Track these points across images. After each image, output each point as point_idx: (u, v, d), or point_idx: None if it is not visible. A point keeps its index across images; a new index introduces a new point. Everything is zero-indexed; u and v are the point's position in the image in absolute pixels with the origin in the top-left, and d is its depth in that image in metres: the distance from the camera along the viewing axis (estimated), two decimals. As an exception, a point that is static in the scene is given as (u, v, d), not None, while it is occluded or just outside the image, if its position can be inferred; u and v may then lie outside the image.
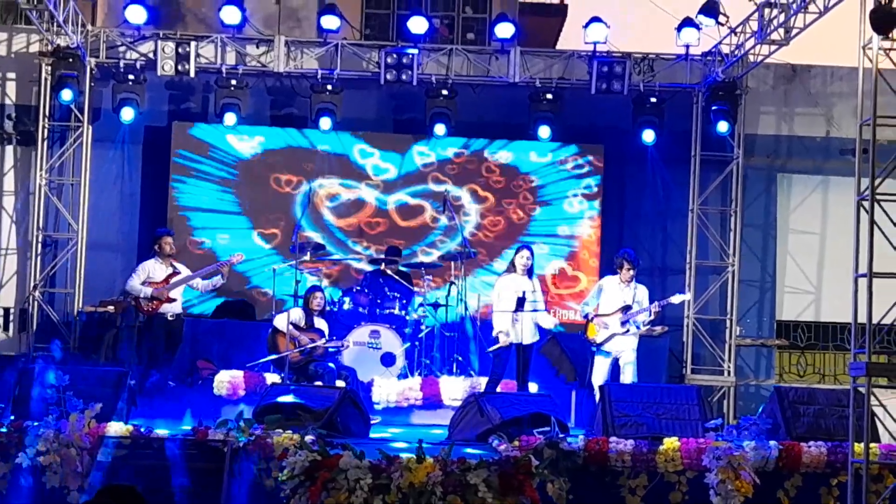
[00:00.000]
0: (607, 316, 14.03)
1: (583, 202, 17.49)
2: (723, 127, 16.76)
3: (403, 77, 16.48)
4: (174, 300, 14.55)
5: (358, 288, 16.00)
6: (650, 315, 14.11)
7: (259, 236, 17.23)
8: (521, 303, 13.62)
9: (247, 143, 17.27)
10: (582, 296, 15.97)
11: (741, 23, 16.18)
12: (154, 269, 14.57)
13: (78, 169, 16.81)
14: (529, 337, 13.83)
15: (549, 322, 14.22)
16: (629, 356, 13.97)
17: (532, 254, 14.06)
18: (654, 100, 16.96)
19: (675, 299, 14.36)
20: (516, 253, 14.08)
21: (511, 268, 14.01)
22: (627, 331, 14.00)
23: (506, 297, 13.80)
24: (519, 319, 13.66)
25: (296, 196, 17.26)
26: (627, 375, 13.91)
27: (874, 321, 11.28)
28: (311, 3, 18.04)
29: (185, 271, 14.75)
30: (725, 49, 16.73)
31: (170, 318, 14.53)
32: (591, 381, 14.03)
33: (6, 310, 17.00)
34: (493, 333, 13.91)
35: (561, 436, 11.50)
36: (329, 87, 16.72)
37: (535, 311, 13.74)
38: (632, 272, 14.12)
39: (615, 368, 14.03)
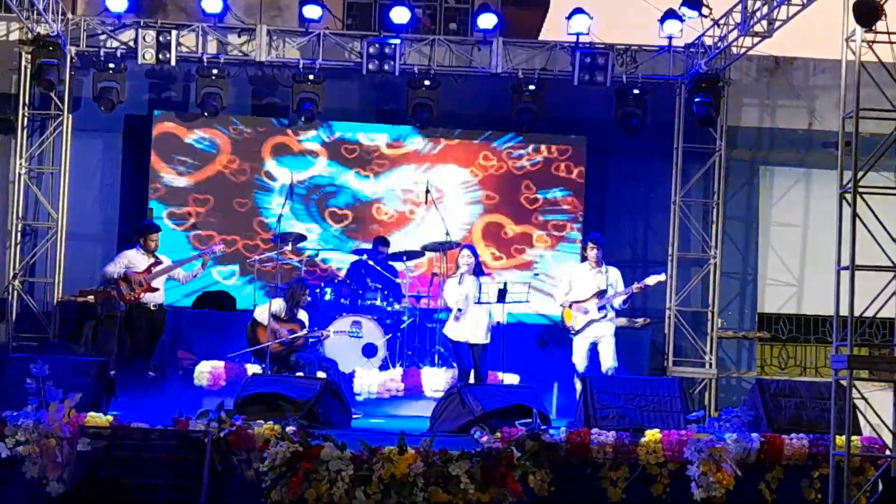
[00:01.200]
0: (584, 302, 14.09)
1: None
2: (705, 118, 16.74)
3: (386, 67, 16.43)
4: (156, 290, 14.48)
5: (340, 279, 15.97)
6: (627, 296, 14.18)
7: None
8: (502, 295, 13.60)
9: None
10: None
11: (724, 15, 16.15)
12: (135, 258, 14.50)
13: (58, 158, 16.70)
14: (479, 337, 13.81)
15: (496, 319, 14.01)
16: (608, 340, 14.04)
17: (474, 253, 14.06)
18: (636, 91, 16.94)
19: (651, 280, 14.32)
20: (458, 254, 14.10)
21: (455, 269, 14.04)
22: (605, 315, 14.04)
23: (450, 301, 13.83)
24: (465, 320, 13.70)
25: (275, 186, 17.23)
26: (607, 358, 13.96)
27: (856, 314, 11.29)
28: (293, -9, 17.95)
29: (166, 262, 14.68)
30: (708, 41, 16.70)
31: (152, 308, 14.47)
32: (574, 366, 14.11)
33: (-16, 299, 16.91)
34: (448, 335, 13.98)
35: (543, 427, 11.49)
36: (311, 76, 16.65)
37: (486, 303, 13.68)
38: (595, 250, 14.16)
39: (594, 352, 14.09)
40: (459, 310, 13.74)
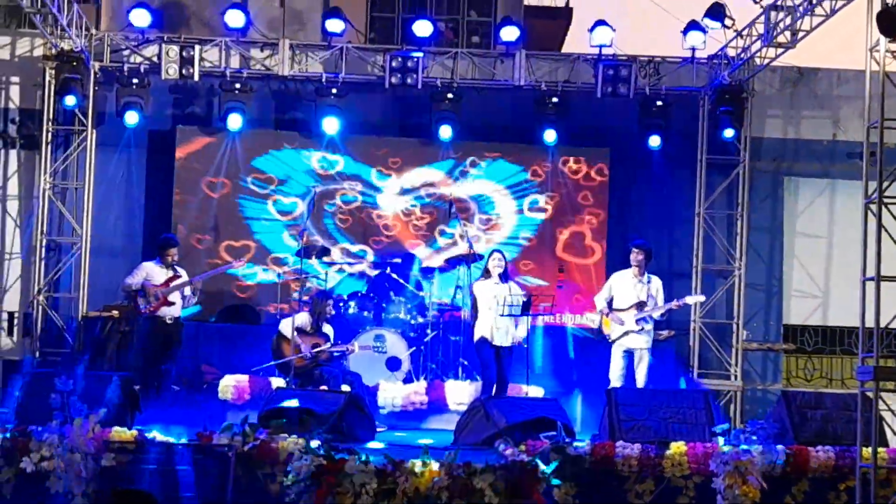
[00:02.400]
0: (622, 311, 14.25)
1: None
2: (729, 130, 16.71)
3: (408, 81, 16.43)
4: (173, 304, 14.51)
5: (363, 292, 15.97)
6: (665, 311, 14.37)
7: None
8: (526, 306, 13.61)
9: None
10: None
11: (747, 26, 16.13)
12: (153, 271, 14.56)
13: (82, 173, 16.78)
14: (507, 340, 13.88)
15: (522, 331, 14.07)
16: (644, 358, 14.23)
17: (504, 257, 14.17)
18: (660, 103, 16.92)
19: (691, 300, 14.58)
20: (489, 258, 14.18)
21: (486, 273, 14.06)
22: (642, 329, 14.14)
23: (484, 303, 13.84)
24: (494, 324, 13.75)
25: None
26: (642, 371, 14.15)
27: (882, 325, 11.23)
28: (316, 6, 17.92)
29: (185, 276, 14.71)
30: (731, 52, 16.68)
31: (168, 322, 14.49)
32: (609, 376, 14.25)
33: (10, 314, 16.96)
34: (476, 339, 13.95)
35: (567, 440, 11.46)
36: (334, 90, 16.68)
37: (511, 315, 13.72)
38: (640, 256, 14.36)
39: (630, 363, 14.23)
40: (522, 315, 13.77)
